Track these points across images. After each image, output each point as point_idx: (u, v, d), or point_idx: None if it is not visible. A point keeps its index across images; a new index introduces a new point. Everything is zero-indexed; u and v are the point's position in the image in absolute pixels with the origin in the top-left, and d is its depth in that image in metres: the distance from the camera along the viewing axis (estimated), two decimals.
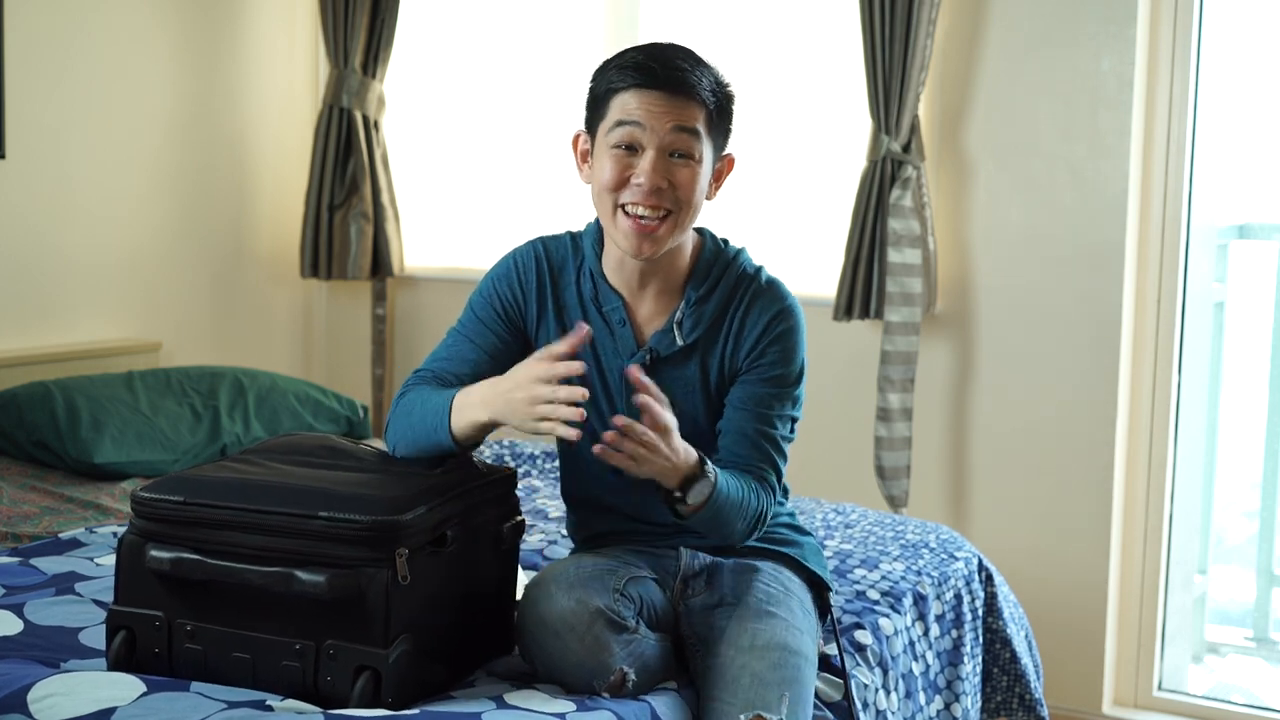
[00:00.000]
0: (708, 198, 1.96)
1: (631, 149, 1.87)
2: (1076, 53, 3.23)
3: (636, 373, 1.77)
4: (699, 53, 1.93)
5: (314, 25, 4.27)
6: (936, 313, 3.43)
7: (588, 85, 1.95)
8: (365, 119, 4.09)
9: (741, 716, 1.74)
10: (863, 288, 3.37)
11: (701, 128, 1.88)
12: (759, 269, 2.01)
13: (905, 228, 3.30)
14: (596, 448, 1.76)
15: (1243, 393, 3.62)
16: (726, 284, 1.98)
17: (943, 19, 3.35)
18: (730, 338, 1.97)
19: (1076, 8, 3.22)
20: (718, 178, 1.98)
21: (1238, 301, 3.55)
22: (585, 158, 1.97)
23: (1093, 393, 3.27)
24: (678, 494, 1.83)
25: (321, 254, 4.14)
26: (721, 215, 3.65)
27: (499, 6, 4.10)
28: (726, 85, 1.93)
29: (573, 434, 1.69)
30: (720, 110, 1.91)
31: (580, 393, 1.70)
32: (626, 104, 1.87)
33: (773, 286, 1.99)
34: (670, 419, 1.78)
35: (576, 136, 1.98)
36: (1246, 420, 3.62)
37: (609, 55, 1.94)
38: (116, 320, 3.79)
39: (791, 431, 2.01)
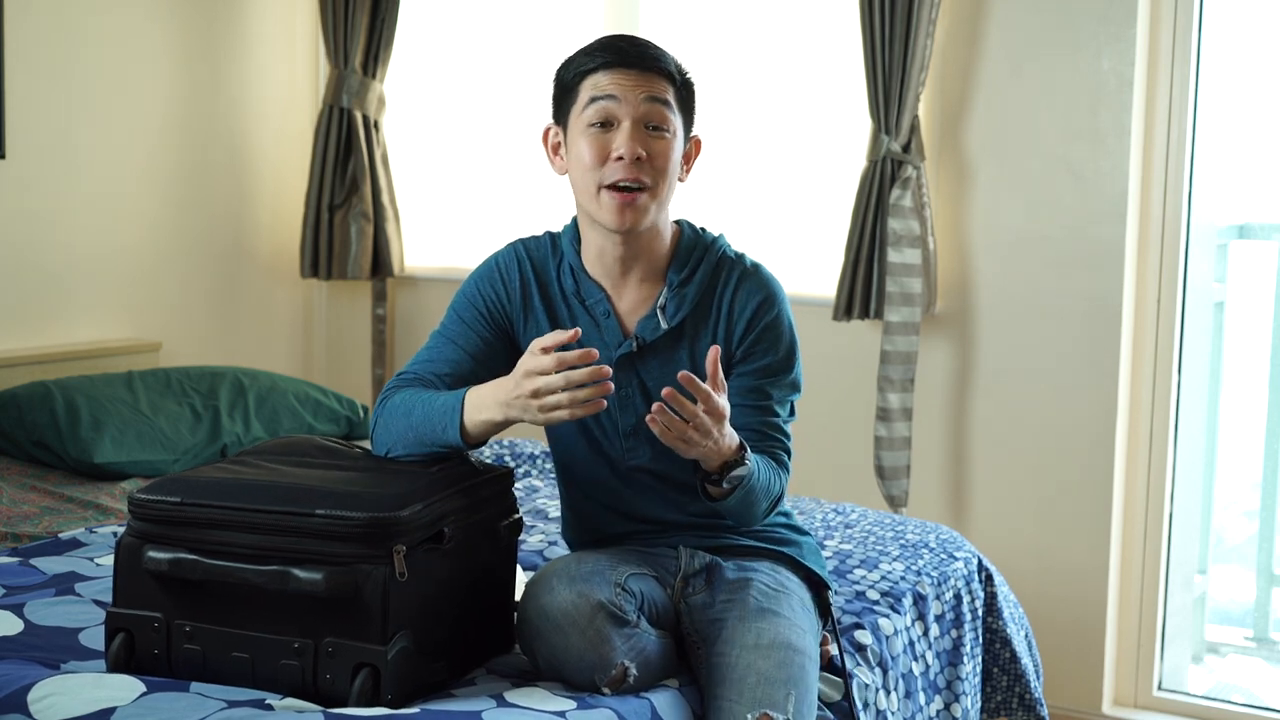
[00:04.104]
0: (680, 179, 2.00)
1: (607, 125, 1.93)
2: (1076, 53, 3.23)
3: (688, 375, 1.76)
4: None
5: (314, 25, 4.27)
6: (936, 313, 3.42)
7: (553, 79, 2.01)
8: (365, 119, 4.09)
9: (749, 715, 1.75)
10: (862, 288, 3.37)
11: (672, 100, 1.95)
12: (741, 254, 2.05)
13: (905, 228, 3.30)
14: (648, 418, 1.76)
15: (1243, 393, 3.62)
16: (708, 266, 2.01)
17: (943, 19, 3.35)
18: (721, 320, 1.99)
19: (1076, 8, 3.22)
20: (687, 159, 2.02)
21: (1238, 301, 3.55)
22: (557, 149, 2.03)
23: (1093, 393, 3.26)
24: (715, 476, 1.85)
25: (321, 254, 4.14)
26: (723, 216, 3.66)
27: (499, 7, 4.10)
28: (687, 73, 2.01)
29: (594, 408, 1.72)
30: (686, 89, 1.99)
31: (578, 375, 1.71)
32: (598, 82, 1.93)
33: (758, 270, 2.03)
34: (725, 405, 1.79)
35: (546, 130, 2.03)
36: (1246, 420, 3.62)
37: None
38: (116, 320, 3.80)
39: (792, 413, 2.04)
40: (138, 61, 3.81)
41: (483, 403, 1.81)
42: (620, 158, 1.90)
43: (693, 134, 2.03)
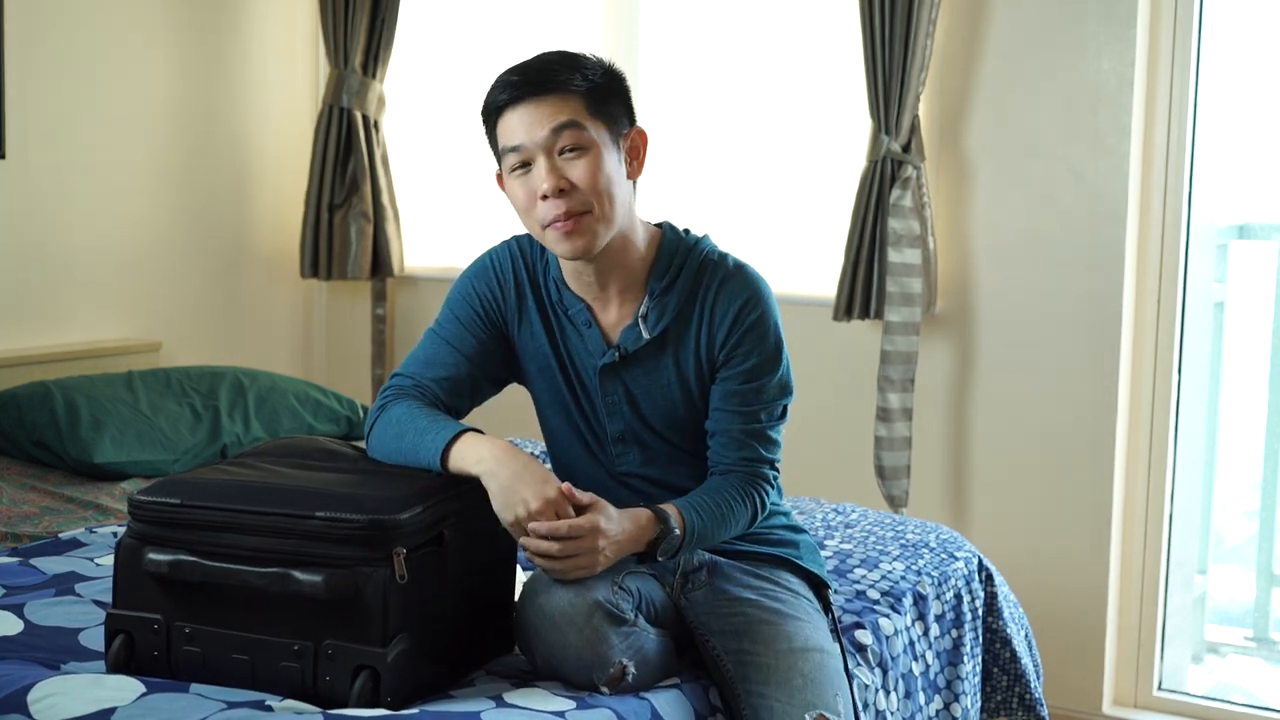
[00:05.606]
0: (629, 177, 1.95)
1: (527, 166, 1.89)
2: (1076, 53, 3.23)
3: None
4: (574, 51, 1.93)
5: (314, 25, 4.27)
6: (936, 313, 3.42)
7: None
8: (365, 119, 4.09)
9: (806, 716, 1.77)
10: (863, 288, 3.37)
11: (580, 117, 1.88)
12: (724, 254, 2.00)
13: (905, 228, 3.30)
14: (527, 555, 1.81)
15: (1243, 393, 3.62)
16: (689, 271, 1.97)
17: (943, 19, 3.34)
18: (704, 325, 1.96)
19: (1076, 8, 3.22)
20: (634, 154, 1.96)
21: (1238, 301, 3.55)
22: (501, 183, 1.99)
23: (1093, 393, 3.26)
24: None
25: (321, 254, 4.14)
26: (723, 216, 3.66)
27: (499, 7, 4.10)
28: (607, 68, 1.93)
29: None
30: (602, 90, 1.90)
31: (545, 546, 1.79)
32: (505, 127, 1.90)
33: (741, 270, 1.98)
34: (596, 519, 1.79)
35: (498, 175, 1.98)
36: (1246, 420, 3.62)
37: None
38: (116, 320, 3.80)
39: (782, 416, 2.00)
40: (137, 62, 3.81)
41: (471, 455, 1.82)
42: (545, 196, 1.87)
43: (629, 128, 1.95)
